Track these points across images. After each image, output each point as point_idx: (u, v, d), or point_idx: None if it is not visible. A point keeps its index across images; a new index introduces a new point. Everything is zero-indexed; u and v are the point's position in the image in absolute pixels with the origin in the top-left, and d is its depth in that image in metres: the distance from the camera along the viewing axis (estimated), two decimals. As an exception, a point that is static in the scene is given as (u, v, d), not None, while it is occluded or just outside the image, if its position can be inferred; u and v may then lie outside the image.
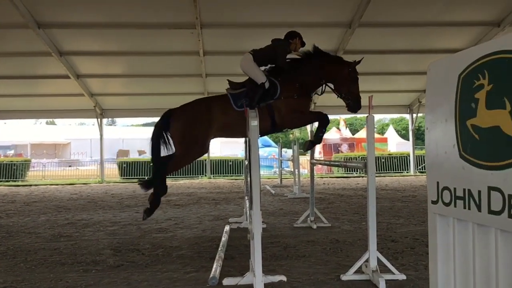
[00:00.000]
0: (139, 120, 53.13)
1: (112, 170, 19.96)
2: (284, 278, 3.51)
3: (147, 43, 12.48)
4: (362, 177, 17.11)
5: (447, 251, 1.56)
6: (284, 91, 5.26)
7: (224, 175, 18.97)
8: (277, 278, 3.49)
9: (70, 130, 42.56)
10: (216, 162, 19.22)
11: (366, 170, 3.59)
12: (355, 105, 5.37)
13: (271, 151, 24.18)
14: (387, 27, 11.93)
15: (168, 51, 13.04)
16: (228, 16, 11.32)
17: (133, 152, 31.09)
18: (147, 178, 5.50)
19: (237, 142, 21.59)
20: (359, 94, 5.36)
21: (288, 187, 12.80)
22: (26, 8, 10.44)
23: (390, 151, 24.01)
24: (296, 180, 10.62)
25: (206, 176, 18.67)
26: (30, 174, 19.84)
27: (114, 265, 4.19)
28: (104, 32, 11.89)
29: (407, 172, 19.47)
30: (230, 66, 12.98)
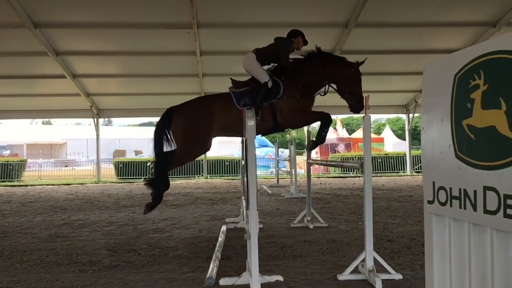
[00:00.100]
0: (135, 120, 53.05)
1: (108, 170, 19.92)
2: (280, 278, 3.51)
3: (143, 43, 12.45)
4: (359, 177, 17.15)
5: (443, 251, 1.57)
6: (287, 91, 5.26)
7: (221, 175, 18.97)
8: (273, 278, 3.50)
9: (66, 130, 42.41)
10: (212, 162, 19.21)
11: (363, 170, 3.60)
12: (358, 105, 5.36)
13: (268, 151, 24.19)
14: (384, 27, 11.95)
15: (164, 51, 13.02)
16: (225, 16, 11.32)
17: (129, 152, 31.05)
18: (151, 177, 5.50)
19: (233, 142, 21.58)
20: (362, 95, 5.33)
21: (285, 187, 12.81)
22: (22, 7, 10.41)
23: (386, 151, 24.04)
24: (293, 180, 10.62)
25: (202, 176, 18.65)
26: (26, 174, 19.74)
27: (110, 265, 4.18)
28: (100, 32, 11.86)
29: (403, 172, 19.53)
30: (226, 66, 13.04)
